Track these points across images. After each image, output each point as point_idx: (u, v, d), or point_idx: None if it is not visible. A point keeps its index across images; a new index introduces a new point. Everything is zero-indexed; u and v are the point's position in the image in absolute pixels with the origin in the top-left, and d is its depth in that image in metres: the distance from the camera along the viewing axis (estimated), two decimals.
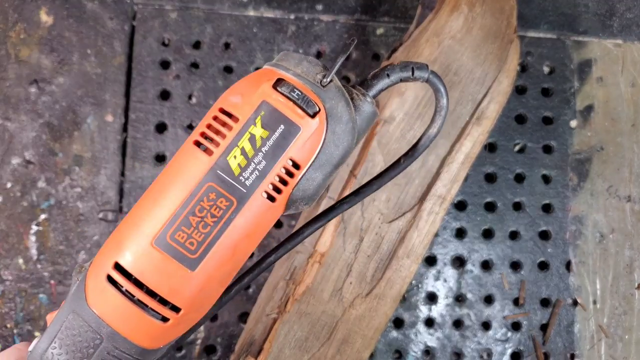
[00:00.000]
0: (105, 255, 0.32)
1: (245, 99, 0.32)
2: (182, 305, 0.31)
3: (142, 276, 0.30)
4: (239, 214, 0.31)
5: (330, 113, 0.32)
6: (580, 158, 0.74)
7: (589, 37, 0.77)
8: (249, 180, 0.31)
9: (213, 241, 0.31)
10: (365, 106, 0.34)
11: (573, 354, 0.70)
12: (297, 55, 0.34)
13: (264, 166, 0.31)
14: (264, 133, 0.31)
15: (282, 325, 0.60)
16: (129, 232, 0.31)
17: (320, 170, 0.33)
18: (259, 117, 0.31)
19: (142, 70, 0.72)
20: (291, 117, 0.31)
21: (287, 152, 0.31)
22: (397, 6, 0.76)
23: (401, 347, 0.69)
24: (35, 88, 0.71)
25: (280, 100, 0.31)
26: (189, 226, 0.31)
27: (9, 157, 0.69)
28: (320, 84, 0.32)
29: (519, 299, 0.71)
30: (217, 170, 0.31)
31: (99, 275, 0.31)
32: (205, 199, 0.31)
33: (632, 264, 0.73)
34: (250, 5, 0.74)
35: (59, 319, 0.32)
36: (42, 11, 0.72)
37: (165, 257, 0.30)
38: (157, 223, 0.31)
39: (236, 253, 0.32)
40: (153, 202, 0.32)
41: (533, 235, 0.72)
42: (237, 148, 0.31)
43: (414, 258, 0.63)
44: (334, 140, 0.32)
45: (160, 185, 0.32)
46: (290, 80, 0.32)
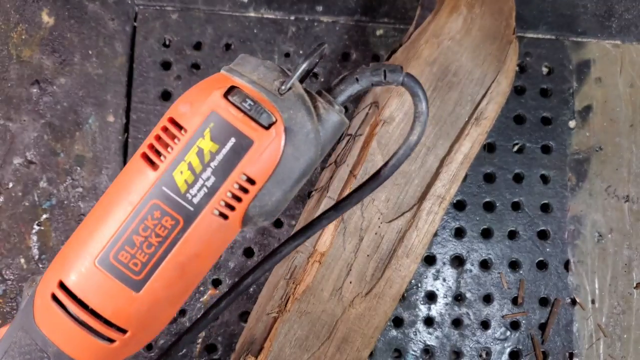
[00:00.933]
0: (51, 273, 0.31)
1: (194, 108, 0.29)
2: (127, 327, 0.30)
3: (85, 297, 0.29)
4: (186, 233, 0.29)
5: (289, 124, 0.30)
6: (578, 158, 0.75)
7: (587, 38, 0.77)
8: (197, 198, 0.29)
9: (158, 262, 0.29)
10: (331, 115, 0.31)
11: (572, 353, 0.71)
12: (254, 59, 0.31)
13: (213, 182, 0.29)
14: (213, 147, 0.29)
15: (283, 324, 0.60)
16: (73, 250, 0.30)
17: (279, 185, 0.30)
18: (208, 129, 0.29)
19: (144, 71, 0.72)
20: (243, 129, 0.29)
21: (239, 167, 0.29)
22: (396, 7, 0.76)
23: (401, 346, 0.69)
24: (37, 88, 0.71)
25: (230, 111, 0.29)
26: (133, 246, 0.29)
27: (11, 157, 0.70)
28: (278, 92, 0.30)
29: (517, 298, 0.71)
30: (162, 186, 0.29)
31: (45, 294, 0.30)
32: (150, 218, 0.29)
33: (631, 263, 0.73)
34: (251, 6, 0.74)
35: (9, 335, 0.31)
36: (43, 12, 0.73)
37: (108, 278, 0.29)
38: (101, 242, 0.30)
39: (185, 273, 0.30)
40: (97, 220, 0.30)
41: (532, 235, 0.72)
42: (184, 163, 0.29)
43: (414, 257, 0.63)
44: (294, 152, 0.30)
45: (106, 201, 0.31)
46: (244, 88, 0.30)
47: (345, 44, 0.75)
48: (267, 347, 0.60)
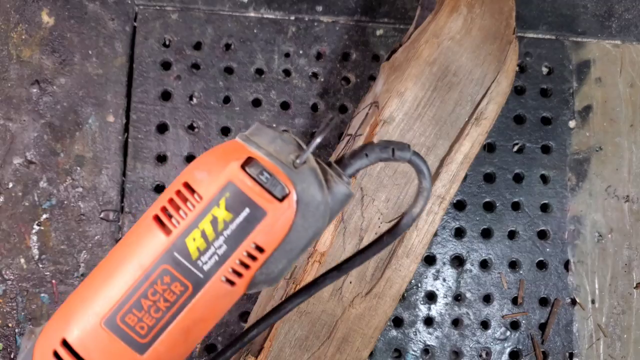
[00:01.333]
0: (54, 329, 0.30)
1: (211, 176, 0.30)
2: None
3: (88, 356, 0.29)
4: (194, 299, 0.30)
5: (301, 196, 0.30)
6: (578, 158, 0.75)
7: (587, 38, 0.77)
8: (207, 265, 0.29)
9: (165, 326, 0.30)
10: (340, 187, 0.32)
11: (572, 353, 0.71)
12: (271, 131, 0.32)
13: (225, 250, 0.29)
14: (228, 216, 0.29)
15: (283, 324, 0.60)
16: (78, 307, 0.30)
17: (286, 254, 0.31)
18: (224, 199, 0.29)
19: (143, 71, 0.72)
20: (258, 201, 0.29)
21: (250, 237, 0.29)
22: (396, 7, 0.76)
23: (400, 346, 0.69)
24: (37, 88, 0.71)
25: (247, 182, 0.29)
26: (140, 309, 0.29)
27: (11, 157, 0.70)
28: (292, 165, 0.30)
29: (517, 298, 0.71)
30: (174, 252, 0.29)
31: (46, 350, 0.30)
32: (159, 282, 0.29)
33: (631, 263, 0.73)
34: (251, 6, 0.74)
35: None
36: (43, 12, 0.72)
37: (113, 339, 0.29)
38: (108, 303, 0.29)
39: (189, 337, 0.31)
40: (105, 279, 0.30)
41: (532, 235, 0.72)
42: (197, 230, 0.29)
43: (414, 257, 0.63)
44: (304, 223, 0.30)
45: (115, 260, 0.31)
46: (261, 160, 0.30)
47: (345, 44, 0.75)
48: (267, 347, 0.60)
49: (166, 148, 0.71)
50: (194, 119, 0.72)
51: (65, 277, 0.68)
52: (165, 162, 0.71)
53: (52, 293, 0.68)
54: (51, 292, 0.68)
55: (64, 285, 0.68)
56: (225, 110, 0.72)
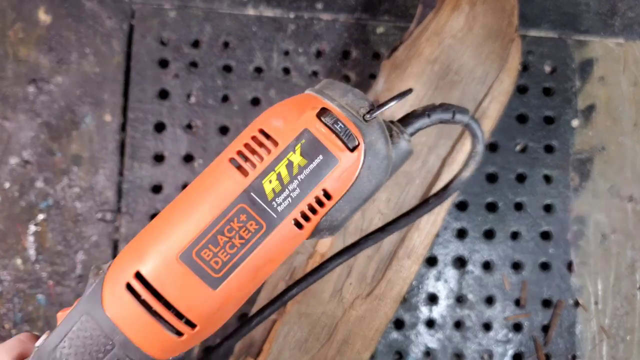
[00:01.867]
0: (127, 262, 0.31)
1: (288, 124, 0.32)
2: (198, 322, 0.31)
3: (162, 289, 0.30)
4: (267, 238, 0.31)
5: (369, 148, 0.32)
6: (581, 158, 0.74)
7: (590, 37, 0.76)
8: (281, 206, 0.31)
9: (238, 262, 0.31)
10: (403, 144, 0.34)
11: (575, 355, 0.70)
12: (343, 85, 0.34)
13: (298, 194, 0.31)
14: (302, 161, 0.31)
15: (282, 326, 0.60)
16: (154, 242, 0.31)
17: (350, 203, 0.33)
18: (299, 145, 0.31)
19: (141, 70, 0.71)
20: (331, 148, 0.31)
21: (321, 183, 0.31)
22: (397, 5, 0.75)
23: (402, 348, 0.68)
24: (34, 87, 0.70)
25: (322, 130, 0.31)
26: (216, 245, 0.31)
27: (7, 156, 0.69)
28: (363, 118, 0.32)
29: (520, 299, 0.70)
30: (250, 192, 0.31)
31: (118, 282, 0.31)
32: (236, 220, 0.31)
33: (634, 264, 0.72)
34: (250, 4, 0.73)
35: (71, 318, 0.32)
36: (40, 10, 0.72)
37: (188, 273, 0.30)
38: (185, 238, 0.31)
39: (257, 276, 0.32)
40: (182, 215, 0.31)
41: (534, 236, 0.72)
42: (274, 173, 0.31)
43: (415, 258, 0.63)
44: (369, 175, 0.32)
45: (191, 198, 0.32)
46: (334, 111, 0.32)
47: (346, 42, 0.74)
48: (267, 349, 0.59)
49: (164, 147, 0.70)
50: (192, 118, 0.71)
51: (62, 278, 0.68)
52: (163, 162, 0.70)
53: (49, 294, 0.67)
54: (48, 293, 0.67)
55: (60, 287, 0.68)
56: (224, 109, 0.71)
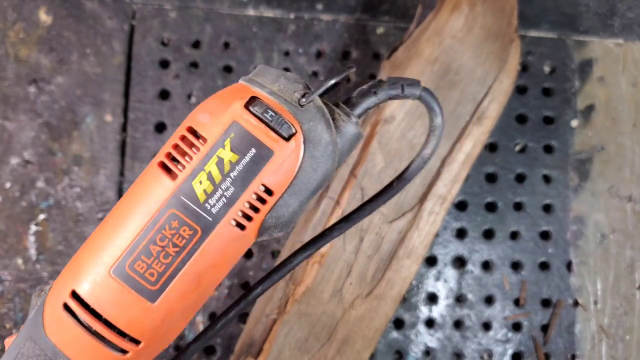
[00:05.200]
0: (63, 282, 0.30)
1: (215, 118, 0.29)
2: (141, 338, 0.30)
3: (99, 306, 0.29)
4: (204, 243, 0.29)
5: (308, 135, 0.30)
6: (581, 158, 0.74)
7: (589, 37, 0.76)
8: (215, 208, 0.29)
9: (175, 272, 0.29)
10: (349, 127, 0.32)
11: (574, 354, 0.70)
12: (275, 70, 0.31)
13: (233, 193, 0.29)
14: (233, 157, 0.29)
15: (282, 325, 0.60)
16: (87, 259, 0.30)
17: (296, 196, 0.30)
18: (229, 139, 0.29)
19: (142, 70, 0.72)
20: (264, 140, 0.29)
21: (258, 178, 0.29)
22: (397, 5, 0.75)
23: (401, 347, 0.69)
24: (34, 88, 0.70)
25: (252, 121, 0.29)
26: (149, 256, 0.29)
27: (8, 157, 0.69)
28: (298, 104, 0.30)
29: (519, 299, 0.71)
30: (180, 196, 0.29)
31: (56, 303, 0.30)
32: (167, 227, 0.29)
33: (633, 264, 0.72)
34: (250, 4, 0.74)
35: (16, 345, 0.31)
36: (41, 10, 0.72)
37: (123, 288, 0.29)
38: (116, 251, 0.29)
39: (201, 284, 0.30)
40: (112, 229, 0.30)
41: (534, 236, 0.72)
42: (204, 172, 0.29)
43: (415, 258, 0.63)
44: (312, 164, 0.30)
45: (121, 210, 0.30)
46: (265, 99, 0.30)
47: (346, 42, 0.74)
48: (267, 349, 0.59)
49: None
50: None
51: None
52: None
53: None
54: None
55: None
56: None
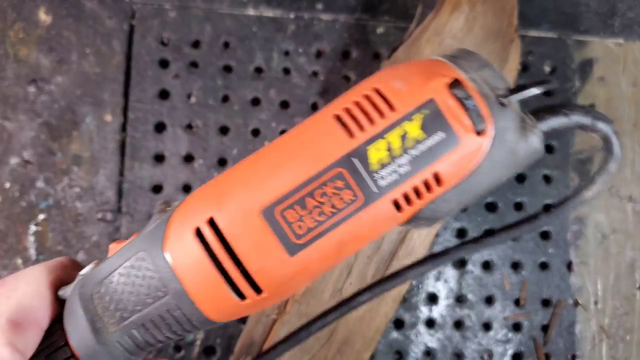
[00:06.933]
0: (200, 205, 0.28)
1: (411, 88, 0.27)
2: (265, 288, 0.27)
3: (235, 243, 0.27)
4: (360, 212, 0.27)
5: (498, 137, 0.27)
6: (581, 158, 0.74)
7: (590, 37, 0.76)
8: (384, 181, 0.27)
9: (323, 232, 0.27)
10: (534, 140, 0.28)
11: (574, 354, 0.70)
12: (480, 58, 0.29)
13: (406, 171, 0.27)
14: (420, 135, 0.26)
15: (282, 326, 0.60)
16: (235, 189, 0.27)
17: (459, 196, 0.28)
18: (420, 115, 0.26)
19: (141, 70, 0.72)
20: (455, 126, 0.27)
21: (435, 164, 0.27)
22: (397, 5, 0.75)
23: (401, 347, 0.68)
24: (34, 87, 0.70)
25: (450, 103, 0.27)
26: (304, 208, 0.27)
27: (8, 156, 0.69)
28: (497, 100, 0.27)
29: (519, 299, 0.70)
30: (353, 157, 0.27)
31: (187, 225, 0.27)
32: (330, 185, 0.27)
33: (634, 264, 0.72)
34: (250, 4, 0.73)
35: (126, 252, 0.28)
36: (40, 10, 0.72)
37: (267, 232, 0.27)
38: (271, 192, 0.27)
39: (340, 252, 0.28)
40: (271, 166, 0.27)
41: (534, 236, 0.72)
42: (384, 140, 0.27)
43: (415, 259, 0.62)
44: (490, 167, 0.27)
45: (285, 149, 0.28)
46: (467, 86, 0.27)
47: (346, 42, 0.74)
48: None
49: (164, 147, 0.71)
50: (192, 118, 0.71)
51: None
52: (164, 162, 0.70)
53: None
54: None
55: None
56: (224, 109, 0.72)
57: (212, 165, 0.71)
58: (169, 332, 0.29)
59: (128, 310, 0.28)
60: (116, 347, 0.29)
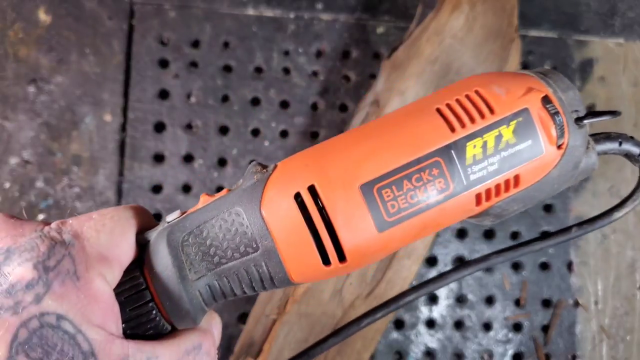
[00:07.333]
0: (302, 171, 0.30)
1: (510, 96, 0.30)
2: (350, 258, 0.29)
3: (332, 211, 0.29)
4: (448, 201, 0.30)
5: (569, 152, 0.31)
6: None
7: (590, 37, 0.76)
8: (474, 176, 0.30)
9: (412, 214, 0.29)
10: (592, 158, 0.33)
11: (574, 355, 0.70)
12: (566, 80, 0.33)
13: (494, 170, 0.30)
14: (512, 139, 0.30)
15: (282, 326, 0.60)
16: (339, 161, 0.30)
17: (527, 198, 0.32)
18: (515, 121, 0.30)
19: (141, 70, 0.71)
20: (542, 137, 0.30)
21: (519, 168, 0.30)
22: (397, 5, 0.75)
23: (402, 348, 0.68)
24: (34, 87, 0.70)
25: (542, 116, 0.30)
26: (400, 189, 0.29)
27: (7, 156, 0.69)
28: (575, 121, 0.31)
29: (520, 299, 0.70)
30: (452, 149, 0.30)
31: (287, 189, 0.29)
32: (427, 172, 0.29)
33: (634, 264, 0.72)
34: (250, 4, 0.73)
35: (219, 206, 0.30)
36: (40, 10, 0.72)
37: (363, 206, 0.29)
38: (373, 170, 0.29)
39: (418, 235, 0.31)
40: (375, 145, 0.30)
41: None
42: (481, 139, 0.30)
43: (415, 259, 0.63)
44: (557, 178, 0.31)
45: (388, 131, 0.31)
46: (556, 103, 0.31)
47: (346, 42, 0.74)
48: (267, 349, 0.59)
49: (164, 147, 0.70)
50: (192, 118, 0.71)
51: None
52: (163, 162, 0.70)
53: None
54: None
55: None
56: (224, 109, 0.71)
57: (212, 165, 0.70)
58: (247, 287, 0.30)
59: (215, 262, 0.30)
60: (196, 295, 0.30)
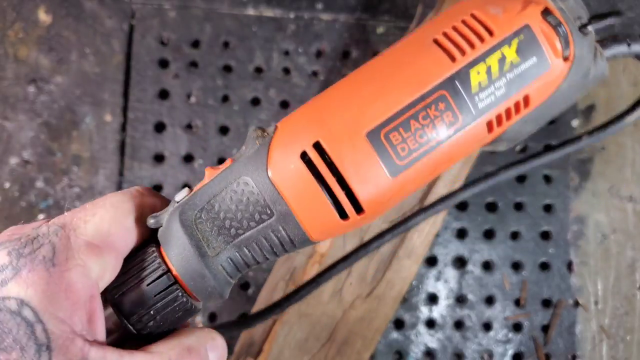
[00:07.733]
0: (304, 129, 0.28)
1: (508, 15, 0.28)
2: (367, 208, 0.28)
3: (341, 165, 0.27)
4: (458, 134, 0.28)
5: (577, 62, 0.29)
6: (581, 158, 0.74)
7: None
8: (483, 103, 0.28)
9: (424, 154, 0.28)
10: (602, 66, 0.31)
11: (574, 355, 0.70)
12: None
13: (502, 93, 0.28)
14: (516, 59, 0.28)
15: (282, 326, 0.60)
16: (340, 112, 0.28)
17: (538, 117, 0.30)
18: (517, 40, 0.28)
19: (141, 70, 0.71)
20: (547, 51, 0.28)
21: (527, 87, 0.28)
22: (397, 5, 0.75)
23: (402, 348, 0.68)
24: (34, 87, 0.70)
25: (544, 30, 0.28)
26: (407, 130, 0.27)
27: (7, 156, 0.69)
28: (579, 29, 0.29)
29: (520, 299, 0.70)
30: (455, 80, 0.28)
31: (292, 150, 0.28)
32: (434, 107, 0.28)
33: (634, 264, 0.72)
34: (250, 4, 0.73)
35: (226, 177, 0.29)
36: (40, 10, 0.72)
37: (372, 154, 0.27)
38: (377, 115, 0.27)
39: (433, 173, 0.29)
40: (375, 89, 0.28)
41: (534, 236, 0.72)
42: (484, 64, 0.28)
43: (415, 259, 0.63)
44: (567, 90, 0.29)
45: (387, 72, 0.29)
46: (557, 14, 0.29)
47: (346, 42, 0.74)
48: (267, 350, 0.59)
49: (164, 147, 0.70)
50: (192, 118, 0.71)
51: None
52: (163, 162, 0.70)
53: None
54: None
55: None
56: (224, 109, 0.71)
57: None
58: (269, 253, 0.29)
59: (232, 234, 0.29)
60: (219, 270, 0.29)
